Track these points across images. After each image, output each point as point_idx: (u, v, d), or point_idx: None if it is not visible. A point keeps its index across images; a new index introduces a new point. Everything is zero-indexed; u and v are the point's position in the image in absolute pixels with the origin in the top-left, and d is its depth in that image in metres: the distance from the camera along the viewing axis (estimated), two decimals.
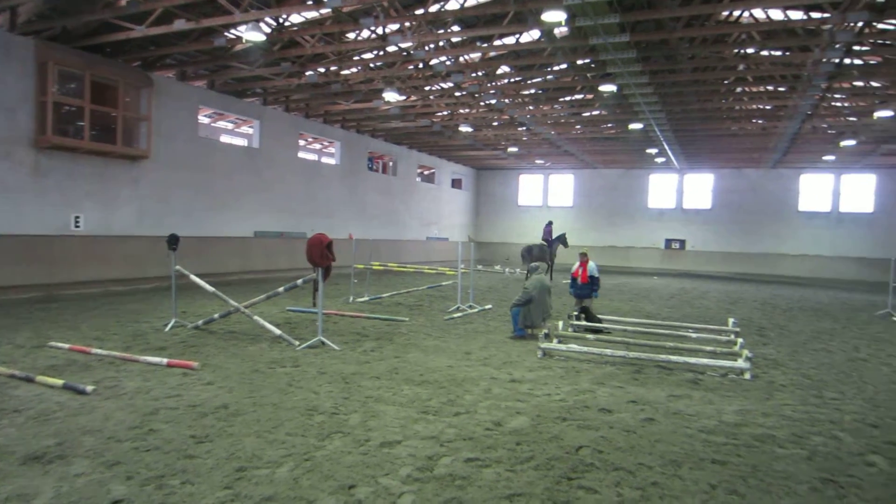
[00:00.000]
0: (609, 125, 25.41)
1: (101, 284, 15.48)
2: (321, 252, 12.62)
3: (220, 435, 5.18)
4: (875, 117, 20.24)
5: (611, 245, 37.89)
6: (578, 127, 26.52)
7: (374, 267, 16.95)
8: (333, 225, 25.12)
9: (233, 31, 15.78)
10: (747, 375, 8.03)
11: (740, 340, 10.14)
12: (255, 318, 9.74)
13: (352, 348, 9.06)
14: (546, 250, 22.82)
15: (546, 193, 40.45)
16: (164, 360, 7.66)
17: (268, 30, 15.13)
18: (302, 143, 29.47)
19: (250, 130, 26.28)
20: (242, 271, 20.50)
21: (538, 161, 36.84)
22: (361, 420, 5.66)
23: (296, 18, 15.73)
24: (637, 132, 24.89)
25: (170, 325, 10.22)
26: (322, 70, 18.28)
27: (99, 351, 8.16)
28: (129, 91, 16.12)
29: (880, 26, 14.32)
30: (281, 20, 15.30)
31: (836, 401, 7.08)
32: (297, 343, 9.04)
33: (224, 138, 29.50)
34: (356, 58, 17.84)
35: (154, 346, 8.88)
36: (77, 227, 15.51)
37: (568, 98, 22.48)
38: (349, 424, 5.53)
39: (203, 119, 26.38)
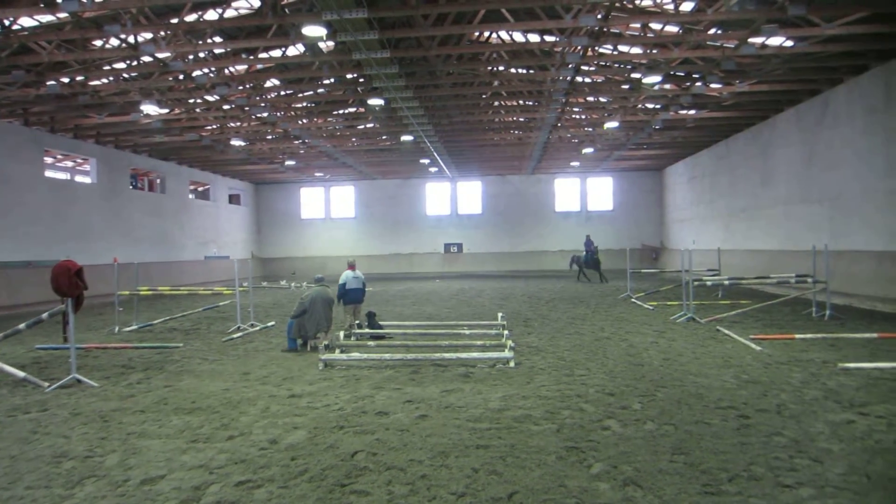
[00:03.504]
0: (383, 137, 26.20)
1: None
2: (69, 280, 11.32)
3: None
4: (605, 127, 23.43)
5: (395, 252, 39.05)
6: (354, 139, 26.96)
7: (142, 292, 15.59)
8: (95, 249, 22.69)
9: None
10: (512, 364, 8.81)
11: (506, 332, 11.11)
12: None
13: (114, 383, 8.27)
14: (592, 258, 27.28)
15: (328, 205, 40.46)
16: None
17: None
18: (49, 160, 26.14)
19: None
20: None
21: (318, 174, 36.72)
22: (120, 459, 5.21)
23: (27, 22, 13.95)
24: (409, 144, 25.99)
25: None
26: (66, 80, 16.42)
27: None
28: None
29: (600, 50, 16.65)
30: (6, 23, 13.45)
31: (584, 377, 8.06)
32: (46, 385, 8.02)
33: None
34: (106, 67, 16.34)
35: None
36: None
37: (341, 111, 22.79)
38: (105, 466, 5.06)
39: None
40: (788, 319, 13.07)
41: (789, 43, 15.09)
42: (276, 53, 16.91)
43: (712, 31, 14.86)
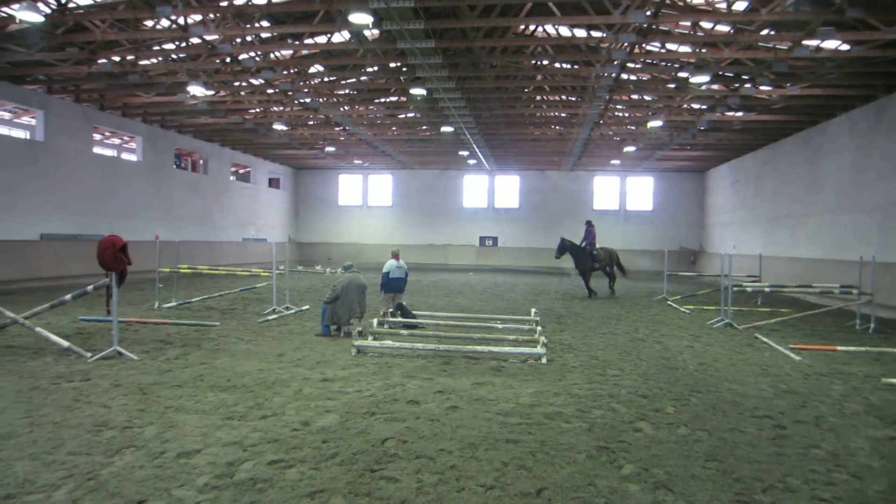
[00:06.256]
0: (423, 127, 26.23)
1: None
2: (114, 255, 11.63)
3: None
4: (648, 126, 23.05)
5: (429, 243, 39.13)
6: (394, 128, 27.05)
7: (182, 270, 15.94)
8: (137, 226, 23.25)
9: (4, 8, 13.96)
10: (544, 360, 8.77)
11: (539, 328, 11.07)
12: (38, 329, 8.76)
13: (153, 357, 8.49)
14: (608, 252, 20.45)
15: (366, 193, 40.72)
16: None
17: (47, 10, 13.59)
18: (98, 137, 26.85)
19: (33, 121, 23.40)
20: (25, 279, 18.21)
21: (357, 161, 36.96)
22: (158, 432, 5.35)
23: (82, 0, 14.30)
24: (449, 135, 25.96)
25: None
26: (117, 59, 16.80)
27: None
28: None
29: (647, 47, 16.37)
30: (63, 1, 13.81)
31: (616, 377, 7.99)
32: (88, 355, 8.28)
33: None
34: (156, 48, 16.65)
35: None
36: None
37: (383, 100, 22.86)
38: (143, 437, 5.20)
39: None
40: (830, 331, 12.71)
41: (845, 46, 14.60)
42: (322, 40, 17.04)
43: (765, 31, 14.46)
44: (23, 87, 19.21)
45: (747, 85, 17.79)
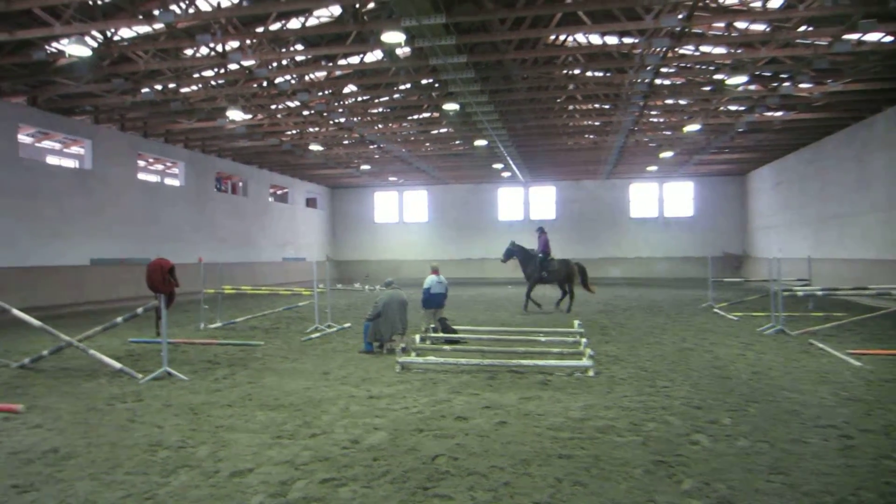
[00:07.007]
0: (457, 142, 26.30)
1: None
2: (162, 277, 11.90)
3: (47, 482, 4.71)
4: (685, 131, 22.68)
5: (466, 258, 39.07)
6: (428, 144, 27.18)
7: (226, 291, 16.21)
8: (181, 249, 23.75)
9: (54, 44, 14.53)
10: (591, 373, 8.60)
11: (584, 340, 10.89)
12: (92, 352, 8.97)
13: (202, 377, 8.60)
14: (567, 264, 18.12)
15: (401, 210, 40.96)
16: None
17: (94, 44, 14.09)
18: (142, 163, 27.65)
19: (82, 151, 24.23)
20: (77, 303, 18.78)
21: (392, 178, 37.25)
22: (211, 451, 5.39)
23: (126, 33, 14.79)
24: (482, 148, 25.98)
25: None
26: (159, 87, 17.34)
27: None
28: None
29: (681, 51, 16.15)
30: (109, 34, 14.30)
31: (667, 388, 7.78)
32: (140, 376, 8.43)
33: (51, 159, 27.03)
34: (196, 75, 17.13)
35: None
36: None
37: (416, 116, 23.02)
38: (197, 457, 5.25)
39: (25, 139, 23.98)
40: (891, 334, 12.19)
41: (889, 38, 14.16)
42: (355, 60, 17.27)
43: (803, 28, 14.13)
44: (72, 118, 19.95)
45: (786, 83, 17.38)
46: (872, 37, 14.04)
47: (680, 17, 12.91)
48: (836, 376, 8.28)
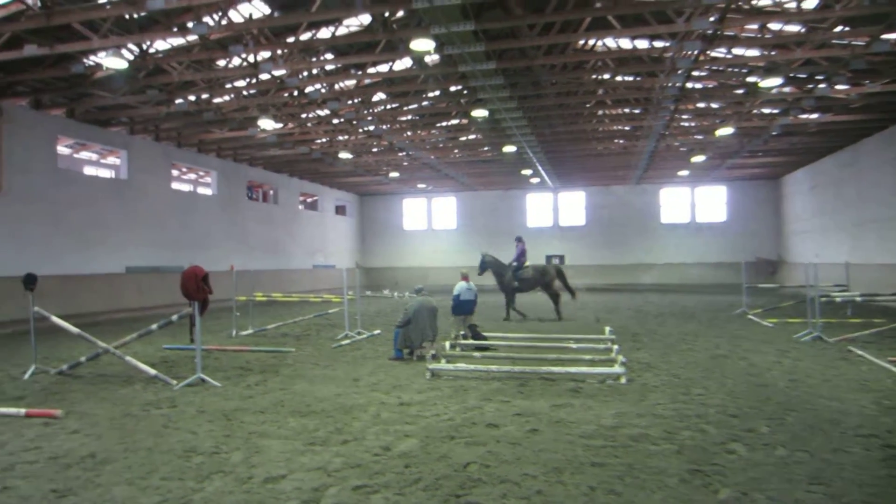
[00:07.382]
0: (485, 148, 26.29)
1: None
2: (196, 285, 12.10)
3: (85, 487, 4.82)
4: (717, 135, 22.35)
5: None
6: (456, 151, 27.23)
7: (258, 298, 16.42)
8: (213, 257, 24.12)
9: (92, 57, 14.93)
10: (623, 380, 8.50)
11: (616, 347, 10.76)
12: (128, 358, 9.15)
13: (234, 384, 8.72)
14: (541, 270, 18.23)
15: (430, 217, 41.04)
16: (23, 411, 7.01)
17: (130, 56, 14.43)
18: (175, 173, 28.20)
19: (117, 161, 24.82)
20: (112, 310, 19.19)
21: (420, 185, 37.36)
22: (244, 457, 5.46)
23: (161, 45, 15.12)
24: (511, 154, 25.92)
25: (29, 373, 9.38)
26: (192, 98, 17.69)
27: None
28: None
29: (713, 54, 15.93)
30: (144, 47, 14.65)
31: (702, 396, 7.65)
32: (174, 382, 8.58)
33: (88, 170, 27.74)
34: (228, 85, 17.43)
35: (10, 395, 8.12)
36: None
37: (444, 123, 23.08)
38: (231, 463, 5.31)
39: (63, 150, 24.65)
40: None
41: None
42: (384, 68, 17.39)
43: (839, 28, 13.84)
44: (108, 129, 20.45)
45: (822, 85, 17.01)
46: None
47: (712, 19, 12.72)
48: (877, 384, 8.06)
